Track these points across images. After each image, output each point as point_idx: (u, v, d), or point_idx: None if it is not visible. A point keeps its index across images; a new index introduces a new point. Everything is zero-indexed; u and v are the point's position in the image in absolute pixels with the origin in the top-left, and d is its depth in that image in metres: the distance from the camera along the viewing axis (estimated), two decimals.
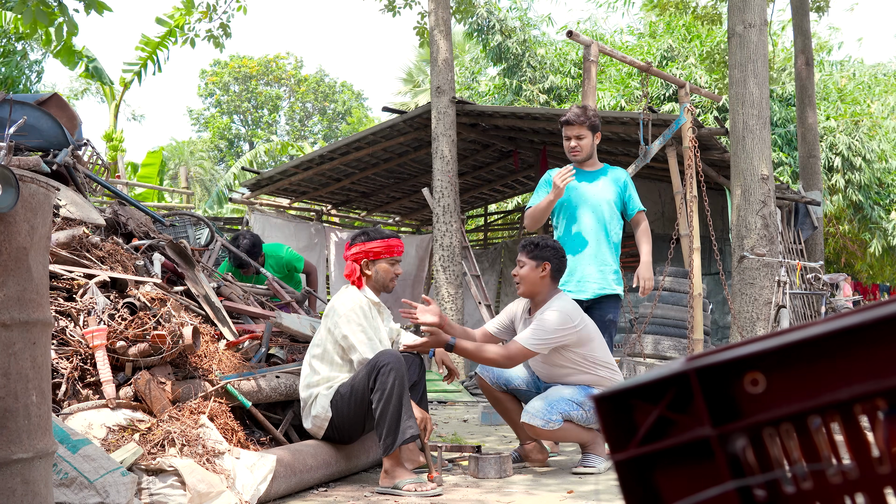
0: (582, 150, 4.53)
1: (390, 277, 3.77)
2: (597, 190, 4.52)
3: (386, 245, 3.73)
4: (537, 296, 3.91)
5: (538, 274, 3.87)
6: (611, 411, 0.80)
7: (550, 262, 3.88)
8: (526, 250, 3.92)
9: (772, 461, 0.75)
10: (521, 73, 16.52)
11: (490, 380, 4.07)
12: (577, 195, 4.51)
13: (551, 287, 3.92)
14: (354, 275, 3.74)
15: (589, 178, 4.56)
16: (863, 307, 0.73)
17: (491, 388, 4.09)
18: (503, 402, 4.11)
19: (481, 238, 15.67)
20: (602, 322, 4.35)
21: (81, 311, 3.21)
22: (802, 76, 11.64)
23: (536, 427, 3.74)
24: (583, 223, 4.49)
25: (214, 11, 10.89)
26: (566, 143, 4.57)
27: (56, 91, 9.43)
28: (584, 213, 4.50)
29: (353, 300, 3.64)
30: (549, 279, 3.89)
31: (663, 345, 8.02)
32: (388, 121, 10.61)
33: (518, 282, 3.92)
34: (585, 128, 4.52)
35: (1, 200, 1.91)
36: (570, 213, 4.52)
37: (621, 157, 10.08)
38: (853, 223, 13.79)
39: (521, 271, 3.90)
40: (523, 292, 3.93)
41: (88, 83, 15.69)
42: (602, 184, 4.54)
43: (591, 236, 4.48)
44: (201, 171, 27.49)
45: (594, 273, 4.44)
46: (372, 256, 3.73)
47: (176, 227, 6.63)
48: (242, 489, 2.90)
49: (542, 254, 3.89)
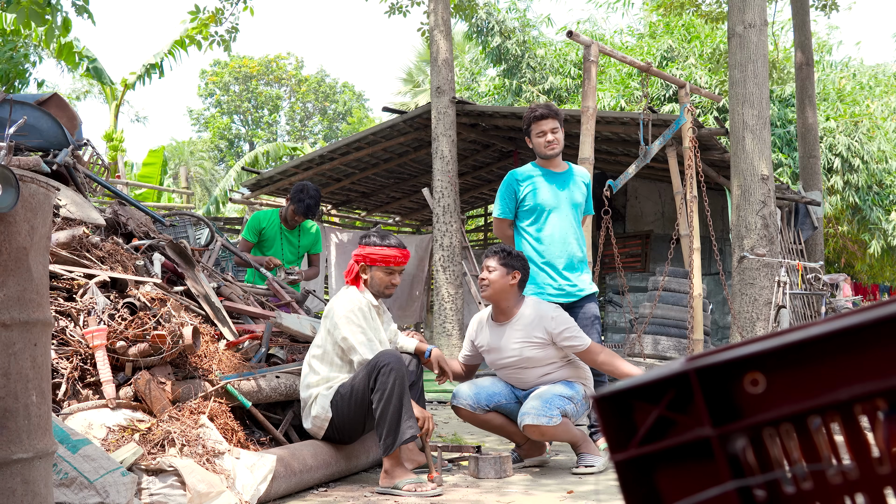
0: (559, 144, 4.44)
1: (385, 286, 3.75)
2: (568, 192, 4.47)
3: (384, 255, 3.71)
4: (503, 302, 3.97)
5: (508, 281, 3.93)
6: (611, 411, 0.80)
7: (521, 273, 3.96)
8: (498, 257, 3.97)
9: (772, 461, 0.75)
10: (520, 75, 16.51)
11: (470, 406, 4.01)
12: (550, 198, 4.44)
13: (517, 295, 4.00)
14: (350, 274, 3.75)
15: (559, 180, 4.49)
16: (863, 307, 0.73)
17: (473, 413, 4.02)
18: (490, 421, 4.07)
19: (481, 238, 15.67)
20: (588, 319, 4.36)
21: (81, 311, 3.21)
22: (802, 76, 11.64)
23: (542, 426, 3.74)
24: (557, 226, 4.44)
25: (222, 14, 10.89)
26: (540, 138, 4.42)
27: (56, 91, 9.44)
28: (558, 216, 4.44)
29: (353, 301, 3.64)
30: (517, 288, 3.97)
31: (663, 345, 8.02)
32: (388, 121, 10.61)
33: (486, 285, 3.95)
34: (558, 120, 4.44)
35: (1, 200, 1.91)
36: (545, 217, 4.45)
37: (621, 157, 10.08)
38: (852, 224, 13.79)
39: (490, 276, 3.95)
40: (489, 295, 3.97)
41: (92, 83, 15.73)
42: (572, 185, 4.49)
43: (567, 239, 4.44)
44: (201, 172, 27.50)
45: (576, 277, 4.45)
46: (369, 262, 3.73)
47: (176, 227, 6.63)
48: (242, 489, 2.90)
49: (513, 263, 3.95)
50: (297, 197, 5.76)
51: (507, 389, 4.07)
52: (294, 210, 5.81)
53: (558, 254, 4.42)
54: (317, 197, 5.79)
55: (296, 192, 5.79)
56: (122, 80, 14.64)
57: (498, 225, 4.64)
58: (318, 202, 5.84)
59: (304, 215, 5.83)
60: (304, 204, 5.74)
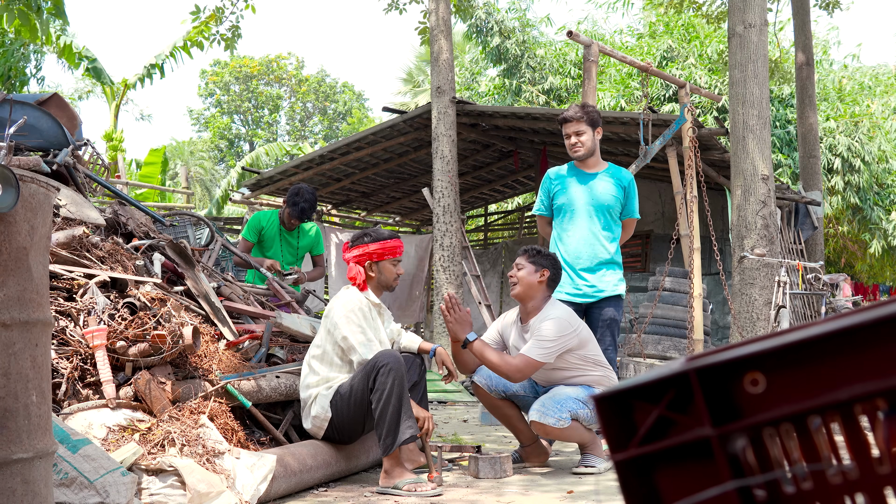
0: (583, 146, 4.49)
1: (393, 277, 3.81)
2: (597, 192, 4.49)
3: (389, 247, 3.76)
4: (530, 300, 3.94)
5: (536, 279, 3.91)
6: (611, 411, 0.80)
7: (549, 271, 3.93)
8: (528, 254, 3.97)
9: (772, 461, 0.75)
10: (519, 75, 16.51)
11: (488, 387, 4.05)
12: (578, 197, 4.49)
13: (545, 294, 3.96)
14: (360, 277, 3.76)
15: (588, 181, 4.53)
16: (863, 307, 0.73)
17: (489, 394, 4.07)
18: (502, 409, 4.10)
19: (481, 238, 15.67)
20: (603, 322, 4.36)
21: (81, 311, 3.21)
22: (803, 76, 11.63)
23: (548, 425, 3.74)
24: (578, 227, 4.47)
25: (222, 13, 10.89)
26: (567, 140, 4.54)
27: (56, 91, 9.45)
28: (580, 216, 4.48)
29: (353, 301, 3.64)
30: (545, 286, 3.94)
31: (663, 345, 8.02)
32: (388, 121, 10.61)
33: (514, 283, 3.95)
34: (584, 123, 4.48)
35: (1, 200, 1.91)
36: (571, 217, 4.50)
37: (621, 157, 10.08)
38: (853, 224, 13.78)
39: (519, 273, 3.94)
40: (517, 293, 3.95)
41: (94, 83, 15.75)
42: (602, 185, 4.51)
43: (588, 240, 4.46)
44: (201, 171, 27.50)
45: (595, 278, 4.45)
46: (376, 258, 3.75)
47: (176, 227, 6.63)
48: (242, 489, 2.90)
49: (542, 261, 3.94)
50: (293, 200, 5.78)
51: (530, 383, 4.06)
52: (289, 214, 5.83)
53: (577, 254, 4.45)
54: (312, 200, 5.80)
55: (291, 195, 5.81)
56: (122, 81, 14.64)
57: (539, 222, 4.84)
58: (314, 206, 5.85)
59: (298, 219, 5.85)
60: (299, 208, 5.76)
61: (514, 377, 3.80)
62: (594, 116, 4.52)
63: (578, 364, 3.91)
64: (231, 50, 11.05)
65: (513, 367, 3.76)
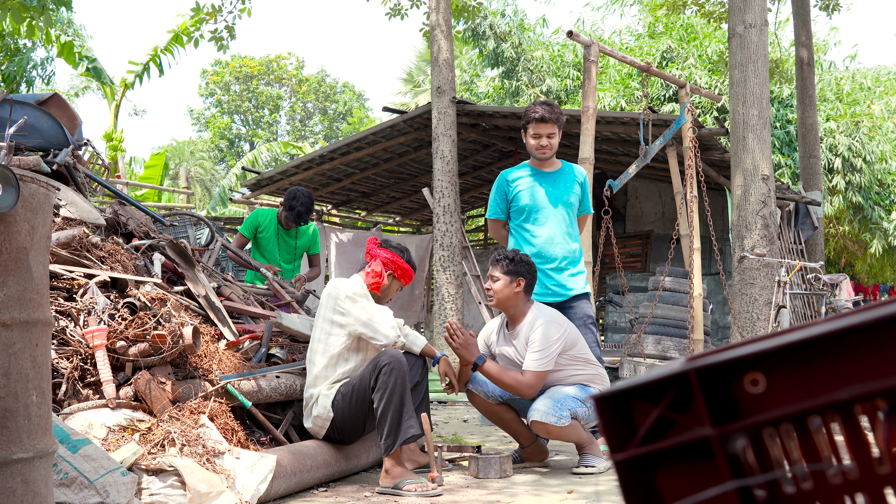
0: (552, 149, 4.46)
1: (390, 297, 3.90)
2: (559, 191, 4.48)
3: (408, 273, 3.87)
4: (511, 309, 3.96)
5: (512, 289, 3.92)
6: (611, 411, 0.80)
7: (524, 278, 3.94)
8: (501, 265, 3.96)
9: (772, 461, 0.75)
10: (517, 77, 16.49)
11: (484, 393, 4.06)
12: (542, 197, 4.45)
13: (525, 299, 3.97)
14: (381, 278, 3.80)
15: (550, 180, 4.50)
16: (863, 307, 0.73)
17: (485, 401, 4.08)
18: (499, 413, 4.11)
19: (481, 238, 15.66)
20: (582, 320, 4.37)
21: (81, 311, 3.21)
22: (803, 76, 11.63)
23: (549, 424, 3.75)
24: (545, 226, 4.45)
25: (219, 12, 10.89)
26: (534, 140, 4.43)
27: (56, 91, 9.45)
28: (546, 216, 4.45)
29: (358, 286, 3.71)
30: (523, 293, 3.95)
31: (664, 345, 8.01)
32: (388, 121, 10.61)
33: (492, 295, 3.96)
34: (557, 125, 4.44)
35: (1, 200, 1.91)
36: (536, 217, 4.47)
37: (621, 157, 10.08)
38: (853, 224, 13.78)
39: (494, 286, 3.95)
40: (496, 305, 3.98)
41: (90, 79, 15.76)
42: (563, 184, 4.49)
43: (555, 239, 4.45)
44: (202, 171, 27.49)
45: (564, 276, 4.45)
46: (396, 273, 3.83)
47: (176, 227, 6.63)
48: (242, 489, 2.90)
49: (516, 269, 3.93)
50: (289, 204, 5.80)
51: None
52: (286, 217, 5.86)
53: (546, 254, 4.43)
54: (308, 204, 5.81)
55: (287, 198, 5.83)
56: (121, 80, 14.64)
57: (491, 226, 4.74)
58: (310, 209, 5.86)
59: (295, 222, 5.87)
60: (295, 211, 5.78)
61: (528, 394, 3.84)
62: (563, 119, 4.50)
63: (570, 364, 3.93)
64: (224, 50, 11.04)
65: (525, 385, 3.80)
